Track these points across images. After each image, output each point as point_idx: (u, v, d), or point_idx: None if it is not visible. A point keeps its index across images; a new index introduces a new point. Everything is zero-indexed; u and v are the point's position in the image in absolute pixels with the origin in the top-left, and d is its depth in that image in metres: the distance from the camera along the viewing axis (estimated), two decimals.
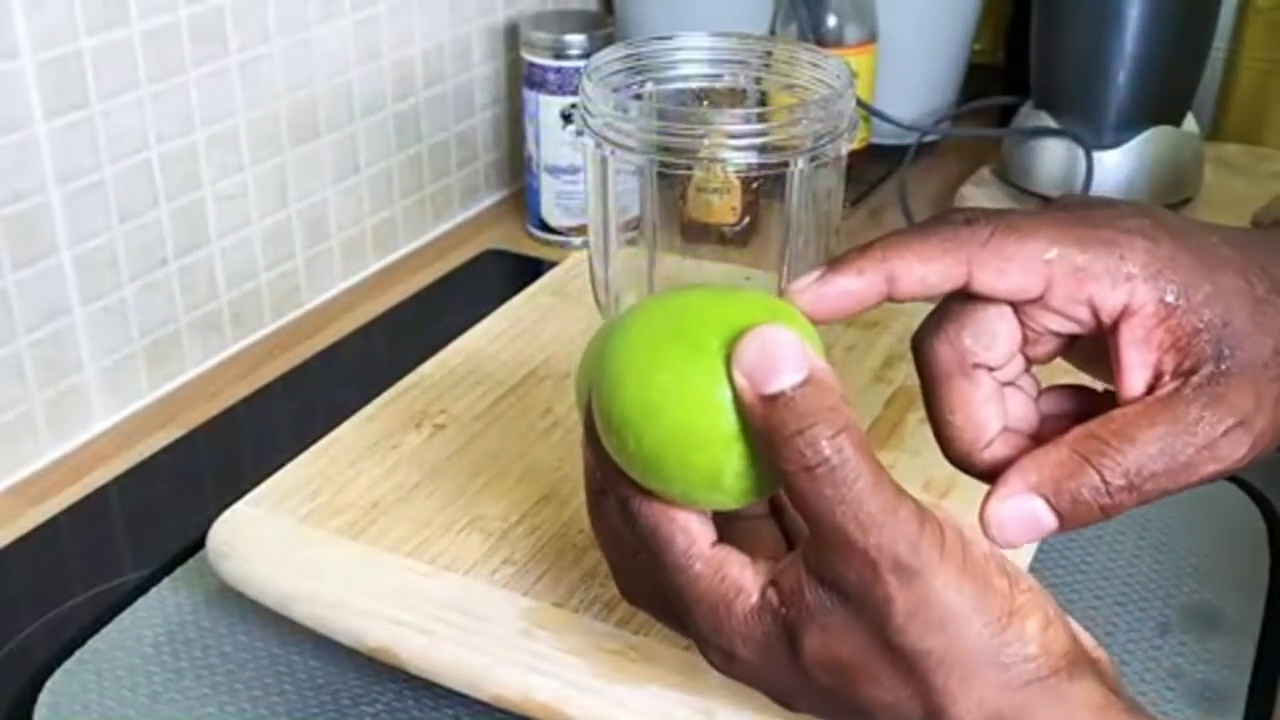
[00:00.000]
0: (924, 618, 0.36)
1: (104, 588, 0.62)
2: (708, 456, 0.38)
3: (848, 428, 0.36)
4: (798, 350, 0.37)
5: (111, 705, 0.54)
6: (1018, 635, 0.37)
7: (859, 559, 0.36)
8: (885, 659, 0.37)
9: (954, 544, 0.37)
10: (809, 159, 0.53)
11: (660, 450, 0.38)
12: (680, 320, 0.39)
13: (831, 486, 0.36)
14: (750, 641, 0.39)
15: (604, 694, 0.47)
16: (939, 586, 0.36)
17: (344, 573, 0.52)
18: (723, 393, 0.37)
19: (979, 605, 0.36)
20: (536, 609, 0.51)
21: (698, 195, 0.58)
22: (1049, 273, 0.39)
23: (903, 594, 0.36)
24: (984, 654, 0.36)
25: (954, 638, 0.36)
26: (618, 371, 0.39)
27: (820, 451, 0.36)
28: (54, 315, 0.70)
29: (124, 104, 0.70)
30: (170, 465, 0.71)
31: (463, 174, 0.98)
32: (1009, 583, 0.37)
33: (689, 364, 0.38)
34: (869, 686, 0.38)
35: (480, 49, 0.96)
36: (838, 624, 0.37)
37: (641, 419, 0.38)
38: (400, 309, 0.87)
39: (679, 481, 0.38)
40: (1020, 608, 0.37)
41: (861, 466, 0.36)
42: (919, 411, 0.62)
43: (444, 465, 0.59)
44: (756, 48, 0.58)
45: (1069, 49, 0.91)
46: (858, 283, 0.40)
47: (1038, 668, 0.37)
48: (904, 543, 0.36)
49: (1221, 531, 0.64)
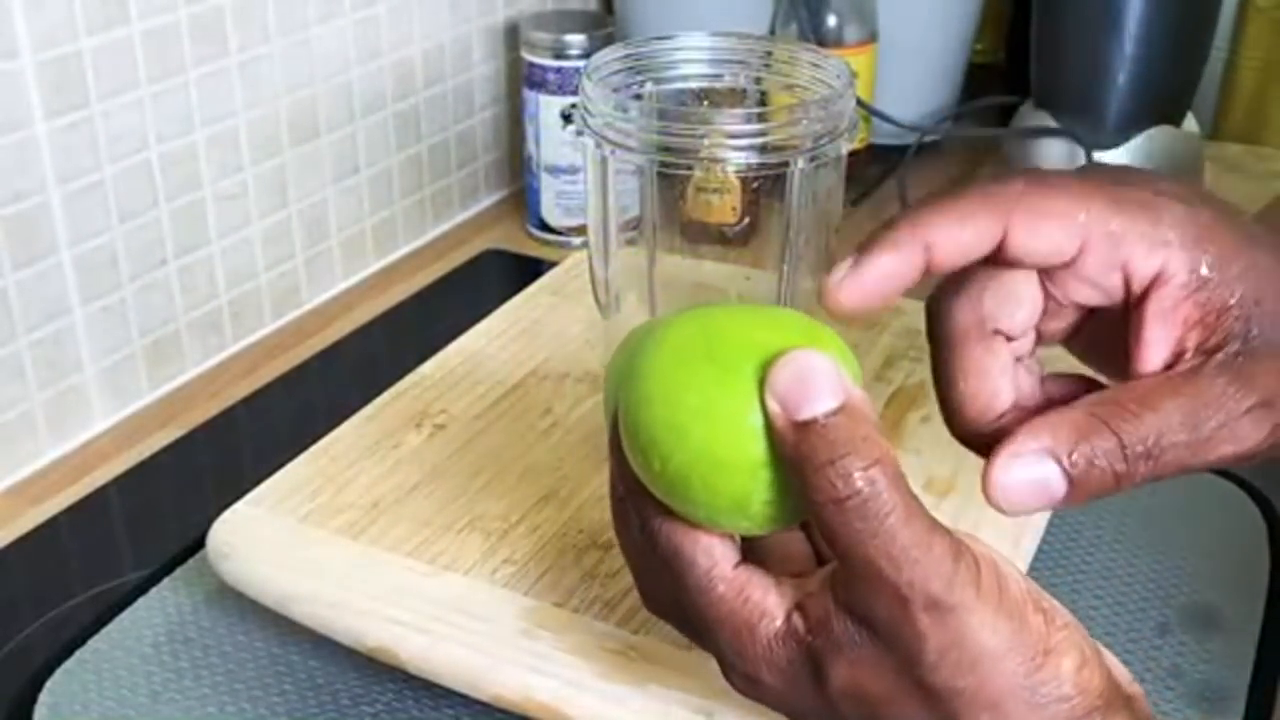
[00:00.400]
0: (957, 656, 0.35)
1: (104, 588, 0.62)
2: (735, 482, 0.37)
3: (882, 460, 0.35)
4: (833, 377, 0.36)
5: (111, 705, 0.54)
6: (1053, 675, 0.35)
7: (890, 595, 0.35)
8: (915, 696, 0.36)
9: (990, 581, 0.36)
10: (809, 159, 0.53)
11: (686, 473, 0.37)
12: (712, 341, 0.38)
13: (862, 520, 0.34)
14: (774, 668, 0.38)
15: (604, 694, 0.47)
16: (974, 625, 0.35)
17: (344, 573, 0.52)
18: (753, 418, 0.36)
19: (1014, 644, 0.35)
20: (536, 609, 0.51)
21: (698, 195, 0.58)
22: (1084, 234, 0.37)
23: (935, 632, 0.35)
24: (1017, 694, 0.35)
25: (987, 677, 0.35)
26: (646, 390, 0.38)
27: (852, 483, 0.34)
28: (54, 315, 0.70)
29: (124, 104, 0.70)
30: (170, 465, 0.71)
31: (463, 174, 0.98)
32: (1045, 620, 0.36)
33: (719, 387, 0.37)
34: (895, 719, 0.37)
35: (480, 49, 0.96)
36: (866, 658, 0.36)
37: (668, 441, 0.37)
38: (400, 309, 0.87)
39: (704, 506, 0.38)
40: (1056, 646, 0.36)
41: (895, 500, 0.35)
42: (919, 411, 0.62)
43: (444, 465, 0.59)
44: (756, 48, 0.58)
45: (1069, 49, 0.91)
46: (895, 260, 0.38)
47: (1072, 708, 0.35)
48: (937, 580, 0.35)
49: (1221, 531, 0.64)
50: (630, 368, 0.39)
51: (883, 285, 0.38)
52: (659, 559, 0.39)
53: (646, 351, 0.39)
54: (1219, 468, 0.67)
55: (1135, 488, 0.38)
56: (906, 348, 0.67)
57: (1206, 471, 0.67)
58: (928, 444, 0.60)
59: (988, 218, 0.37)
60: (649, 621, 0.50)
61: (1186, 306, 0.37)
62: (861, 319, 0.39)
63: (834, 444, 0.35)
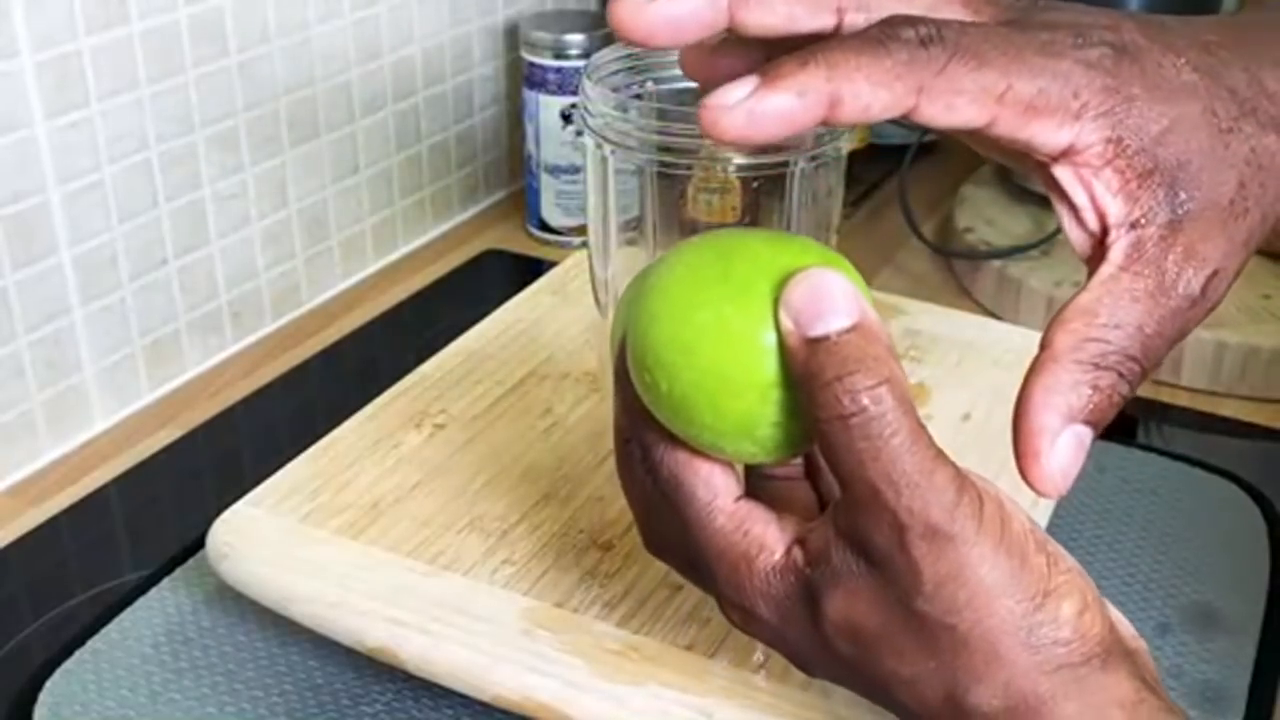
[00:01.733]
0: (953, 590, 0.34)
1: (104, 588, 0.62)
2: (743, 403, 0.36)
3: (891, 380, 0.34)
4: (850, 296, 0.35)
5: (111, 705, 0.54)
6: (1051, 617, 0.35)
7: (889, 521, 0.34)
8: (909, 630, 0.35)
9: (993, 515, 0.35)
10: (809, 159, 0.53)
11: (694, 393, 0.36)
12: (728, 260, 0.37)
13: (865, 439, 0.34)
14: (770, 600, 0.38)
15: (604, 694, 0.47)
16: (973, 559, 0.34)
17: (344, 573, 0.52)
18: (766, 336, 0.36)
19: (1013, 582, 0.35)
20: (536, 609, 0.51)
21: (698, 195, 0.58)
22: (997, 110, 0.36)
23: (932, 562, 0.34)
24: (1014, 634, 0.35)
25: (983, 614, 0.34)
26: (655, 308, 0.37)
27: (858, 400, 0.34)
28: (54, 315, 0.70)
29: (124, 104, 0.70)
30: (170, 465, 0.71)
31: (462, 174, 0.98)
32: (1047, 561, 0.35)
33: (732, 304, 0.36)
34: (889, 659, 0.36)
35: (480, 49, 0.96)
36: (863, 589, 0.36)
37: (676, 359, 0.36)
38: (400, 309, 0.87)
39: (709, 429, 0.37)
40: (1057, 588, 0.35)
41: (901, 422, 0.34)
42: (919, 411, 0.62)
43: (444, 465, 0.59)
44: None
45: None
46: (796, 104, 0.35)
47: (1069, 653, 0.35)
48: (938, 508, 0.34)
49: (1221, 531, 0.64)
50: (641, 289, 0.38)
51: (774, 126, 0.36)
52: (659, 491, 0.39)
53: (658, 272, 0.38)
54: (1215, 468, 0.67)
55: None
56: (907, 348, 0.67)
57: (1208, 472, 0.67)
58: None
59: (903, 88, 0.35)
60: (649, 621, 0.50)
61: (1107, 174, 0.36)
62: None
63: (844, 360, 0.34)
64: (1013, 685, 0.35)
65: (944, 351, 0.67)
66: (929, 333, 0.68)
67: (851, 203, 0.99)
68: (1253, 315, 0.78)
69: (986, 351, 0.67)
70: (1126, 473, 0.68)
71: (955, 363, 0.66)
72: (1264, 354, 0.75)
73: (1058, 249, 0.86)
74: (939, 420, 0.61)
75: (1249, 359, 0.76)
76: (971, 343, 0.67)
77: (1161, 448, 0.71)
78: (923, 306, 0.71)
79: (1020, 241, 0.87)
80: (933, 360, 0.66)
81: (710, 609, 0.50)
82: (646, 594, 0.51)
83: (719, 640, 0.49)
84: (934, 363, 0.66)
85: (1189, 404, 0.76)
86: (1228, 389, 0.76)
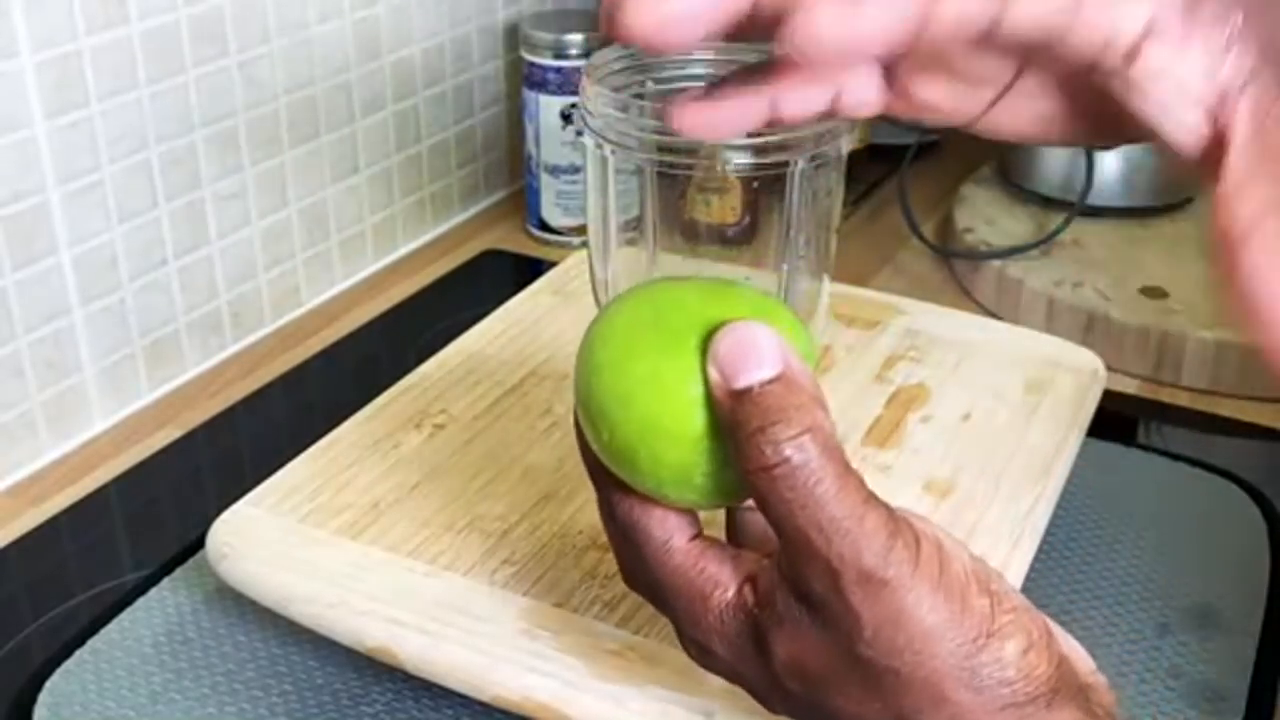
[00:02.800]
0: (891, 633, 0.34)
1: (104, 588, 0.62)
2: (678, 453, 0.37)
3: (814, 429, 0.35)
4: (774, 348, 0.36)
5: (111, 705, 0.54)
6: (995, 657, 0.35)
7: (821, 567, 0.34)
8: (853, 673, 0.36)
9: (930, 557, 0.35)
10: (809, 159, 0.53)
11: (634, 443, 0.37)
12: (662, 311, 0.38)
13: (791, 489, 0.34)
14: (724, 638, 0.38)
15: (604, 694, 0.47)
16: (910, 602, 0.34)
17: (344, 573, 0.52)
18: (695, 388, 0.36)
19: (953, 624, 0.35)
20: (536, 609, 0.51)
21: (698, 195, 0.58)
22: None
23: (869, 607, 0.34)
24: (957, 675, 0.35)
25: (925, 657, 0.35)
26: (596, 359, 0.38)
27: (780, 451, 0.34)
28: (54, 315, 0.70)
29: (124, 104, 0.70)
30: (170, 465, 0.71)
31: (463, 174, 0.98)
32: (991, 601, 0.35)
33: (665, 356, 0.37)
34: (836, 698, 0.36)
35: (480, 49, 0.96)
36: (806, 633, 0.36)
37: (616, 410, 0.37)
38: (400, 309, 0.87)
39: (651, 477, 0.38)
40: (1000, 629, 0.35)
41: (826, 469, 0.34)
42: (919, 411, 0.62)
43: (444, 465, 0.59)
44: (757, 47, 0.58)
45: None
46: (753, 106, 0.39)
47: (1014, 693, 0.35)
48: (870, 553, 0.34)
49: (1221, 531, 0.64)
50: (586, 339, 0.39)
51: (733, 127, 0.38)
52: (619, 533, 0.40)
53: (600, 323, 0.39)
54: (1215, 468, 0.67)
55: None
56: (907, 348, 0.67)
57: (1208, 472, 0.67)
58: (927, 444, 0.60)
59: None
60: (649, 621, 0.50)
61: (1194, 50, 0.36)
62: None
63: (766, 411, 0.35)
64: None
65: (944, 351, 0.67)
66: (929, 333, 0.68)
67: (851, 203, 0.99)
68: None
69: (986, 351, 0.67)
70: (1126, 473, 0.68)
71: (955, 363, 0.66)
72: None
73: (1058, 249, 0.86)
74: (939, 420, 0.62)
75: (1249, 359, 0.76)
76: (971, 343, 0.67)
77: (1161, 448, 0.71)
78: (923, 306, 0.71)
79: (1020, 241, 0.87)
80: (933, 360, 0.66)
81: None
82: None
83: None
84: (934, 363, 0.66)
85: (1189, 404, 0.76)
86: (1228, 389, 0.76)
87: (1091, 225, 0.89)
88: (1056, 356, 0.66)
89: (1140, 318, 0.78)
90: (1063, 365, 0.65)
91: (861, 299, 0.71)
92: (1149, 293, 0.81)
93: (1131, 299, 0.80)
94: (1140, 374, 0.78)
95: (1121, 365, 0.78)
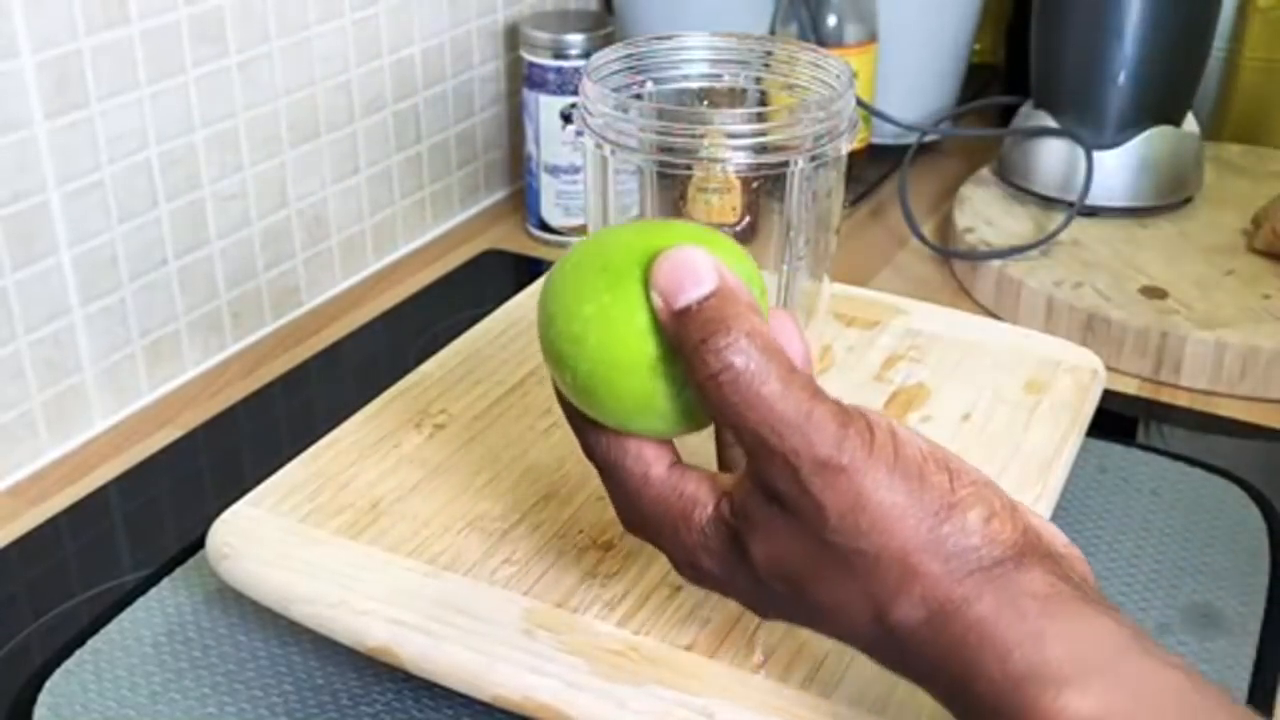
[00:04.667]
0: (854, 517, 0.36)
1: (104, 588, 0.62)
2: (635, 382, 0.39)
3: (752, 333, 0.37)
4: (708, 267, 0.38)
5: (111, 705, 0.54)
6: (959, 527, 0.36)
7: (780, 463, 0.36)
8: (827, 561, 0.37)
9: (884, 443, 0.37)
10: (809, 159, 0.53)
11: (591, 381, 0.39)
12: (606, 252, 0.40)
13: (737, 393, 0.36)
14: (710, 553, 0.40)
15: (604, 694, 0.47)
16: (869, 486, 0.36)
17: (344, 573, 0.52)
18: (641, 317, 0.38)
19: (913, 501, 0.36)
20: (536, 609, 0.51)
21: (698, 195, 0.58)
22: None
23: (830, 495, 0.36)
24: (922, 549, 0.36)
25: (889, 536, 0.36)
26: (550, 307, 0.40)
27: (722, 357, 0.36)
28: (54, 315, 0.70)
29: (124, 104, 0.71)
30: (170, 465, 0.71)
31: (463, 174, 0.98)
32: (949, 478, 0.37)
33: (611, 292, 0.39)
34: (816, 590, 0.38)
35: (480, 49, 0.96)
36: (779, 531, 0.38)
37: (571, 352, 0.39)
38: (400, 309, 0.87)
39: (614, 411, 0.40)
40: (960, 501, 0.37)
41: (769, 371, 0.36)
42: (919, 411, 0.62)
43: (444, 465, 0.59)
44: (756, 48, 0.58)
45: (1069, 49, 0.91)
46: None
47: (980, 558, 0.36)
48: (822, 444, 0.36)
49: (1222, 531, 0.64)
50: (540, 292, 0.41)
51: None
52: (599, 471, 0.42)
53: (551, 276, 0.41)
54: (1215, 468, 0.67)
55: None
56: (907, 348, 0.67)
57: (1208, 472, 0.67)
58: None
59: None
60: (649, 621, 0.50)
61: None
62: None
63: (706, 323, 0.37)
64: (929, 595, 0.36)
65: (944, 351, 0.67)
66: (929, 333, 0.68)
67: (851, 203, 0.99)
68: (1253, 315, 0.78)
69: (986, 351, 0.67)
70: (1126, 473, 0.68)
71: (955, 363, 0.66)
72: (1264, 354, 0.75)
73: (1057, 249, 0.86)
74: (939, 420, 0.62)
75: (1249, 359, 0.76)
76: (971, 343, 0.67)
77: (1161, 448, 0.71)
78: (923, 306, 0.71)
79: (1020, 241, 0.87)
80: (933, 360, 0.66)
81: (710, 609, 0.50)
82: (646, 594, 0.51)
83: (719, 640, 0.49)
84: (934, 363, 0.66)
85: (1189, 404, 0.76)
86: (1228, 389, 0.76)
87: (1091, 225, 0.89)
88: (1056, 356, 0.66)
89: (1140, 318, 0.78)
90: (1063, 365, 0.65)
91: (861, 299, 0.71)
92: (1149, 293, 0.81)
93: (1131, 299, 0.80)
94: (1140, 374, 0.78)
95: (1121, 365, 0.78)
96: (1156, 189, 0.90)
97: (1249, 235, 0.86)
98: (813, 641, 0.49)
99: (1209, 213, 0.91)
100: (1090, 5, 0.88)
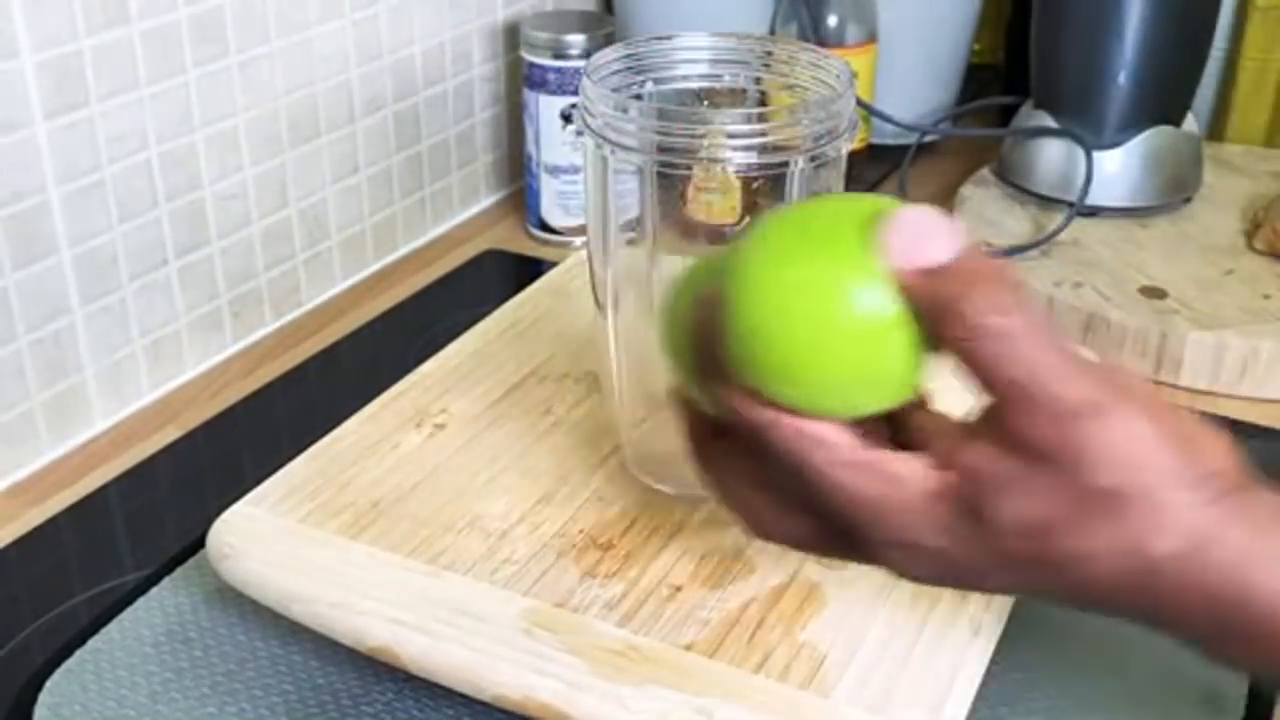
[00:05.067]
0: (1111, 456, 0.37)
1: (104, 588, 0.62)
2: (853, 350, 0.38)
3: (1002, 285, 0.37)
4: (945, 226, 0.38)
5: (111, 705, 0.54)
6: (1200, 457, 0.38)
7: (1045, 411, 0.37)
8: (1082, 507, 0.37)
9: (1125, 381, 0.38)
10: (809, 159, 0.52)
11: (800, 353, 0.37)
12: (802, 223, 0.38)
13: (1001, 345, 0.37)
14: (934, 529, 0.39)
15: (604, 694, 0.47)
16: (1121, 425, 0.37)
17: (344, 573, 0.52)
18: (862, 283, 0.37)
19: (1159, 434, 0.37)
20: (536, 609, 0.51)
21: (698, 195, 0.58)
22: None
23: (1093, 436, 0.37)
24: (1174, 480, 0.37)
25: (1144, 470, 0.37)
26: (748, 279, 0.38)
27: (982, 311, 0.37)
28: (54, 315, 0.70)
29: (124, 104, 0.70)
30: (170, 465, 0.71)
31: (463, 174, 0.98)
32: (1174, 411, 0.38)
33: (821, 259, 0.37)
34: (1066, 540, 0.38)
35: (480, 49, 0.96)
36: (1034, 485, 0.38)
37: (773, 323, 0.37)
38: (400, 309, 0.87)
39: (815, 386, 0.38)
40: (1195, 432, 0.38)
41: (1025, 322, 0.37)
42: None
43: (444, 465, 0.59)
44: (756, 48, 0.58)
45: (1069, 49, 0.91)
46: None
47: (1222, 486, 0.38)
48: (1081, 388, 0.37)
49: None
50: (726, 269, 0.39)
51: None
52: (776, 461, 0.40)
53: (741, 249, 0.39)
54: None
55: None
56: None
57: None
58: None
59: None
60: (649, 621, 0.50)
61: None
62: None
63: (961, 280, 0.37)
64: (1186, 524, 0.37)
65: None
66: None
67: None
68: (1253, 315, 0.78)
69: None
70: None
71: None
72: (1264, 354, 0.75)
73: (1057, 249, 0.86)
74: None
75: (1249, 359, 0.76)
76: None
77: None
78: None
79: (1020, 241, 0.87)
80: None
81: (710, 609, 0.50)
82: (646, 594, 0.52)
83: (719, 640, 0.49)
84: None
85: (1189, 404, 0.76)
86: (1227, 389, 0.76)
87: (1091, 225, 0.89)
88: None
89: (1140, 318, 0.78)
90: None
91: None
92: (1149, 293, 0.81)
93: (1131, 299, 0.80)
94: (1140, 374, 0.78)
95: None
96: (1156, 189, 0.90)
97: (1249, 235, 0.86)
98: (813, 641, 0.49)
99: (1209, 213, 0.91)
100: (1090, 5, 0.88)
